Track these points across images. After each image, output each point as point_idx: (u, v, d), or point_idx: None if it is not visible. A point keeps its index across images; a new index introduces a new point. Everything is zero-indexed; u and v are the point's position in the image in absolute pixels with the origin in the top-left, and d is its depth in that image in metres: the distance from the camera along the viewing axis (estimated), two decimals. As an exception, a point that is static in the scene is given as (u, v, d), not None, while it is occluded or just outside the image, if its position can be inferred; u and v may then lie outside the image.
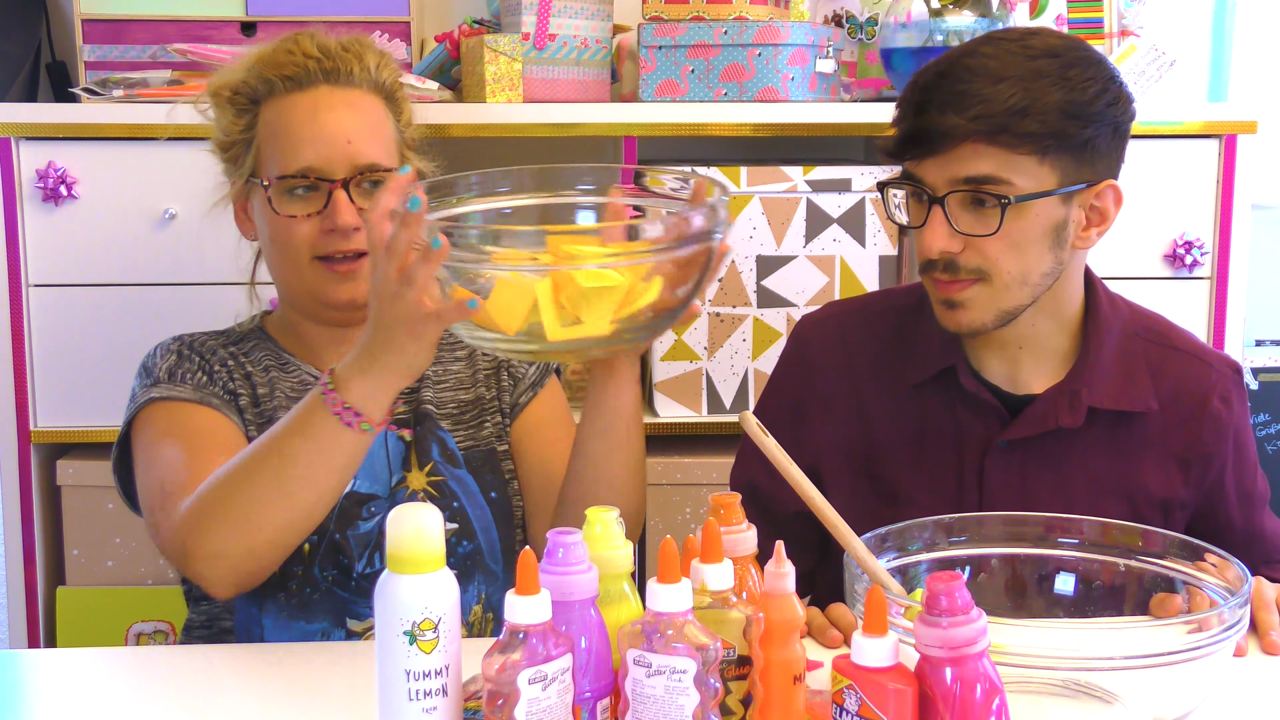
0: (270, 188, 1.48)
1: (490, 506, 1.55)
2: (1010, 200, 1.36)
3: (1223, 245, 2.19)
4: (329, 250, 1.47)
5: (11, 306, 2.08)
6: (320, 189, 1.47)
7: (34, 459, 2.13)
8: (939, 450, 1.51)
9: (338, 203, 1.46)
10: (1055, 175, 1.38)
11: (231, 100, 1.52)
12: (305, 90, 1.50)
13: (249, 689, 1.24)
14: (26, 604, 2.14)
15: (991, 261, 1.40)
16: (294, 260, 1.49)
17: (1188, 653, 1.07)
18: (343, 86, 1.51)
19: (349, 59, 1.51)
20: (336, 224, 1.46)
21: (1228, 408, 1.52)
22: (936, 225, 1.40)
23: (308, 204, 1.48)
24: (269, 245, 1.52)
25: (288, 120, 1.49)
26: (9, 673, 1.32)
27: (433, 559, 0.98)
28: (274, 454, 1.30)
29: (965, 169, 1.37)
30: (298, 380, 1.55)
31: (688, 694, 0.95)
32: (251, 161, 1.51)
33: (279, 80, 1.50)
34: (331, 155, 1.47)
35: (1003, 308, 1.42)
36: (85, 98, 2.10)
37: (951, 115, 1.36)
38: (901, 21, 2.14)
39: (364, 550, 1.47)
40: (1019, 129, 1.35)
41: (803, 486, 1.17)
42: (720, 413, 2.18)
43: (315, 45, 1.51)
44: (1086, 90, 1.37)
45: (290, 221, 1.47)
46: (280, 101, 1.50)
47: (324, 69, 1.50)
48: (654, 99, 2.16)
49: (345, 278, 1.48)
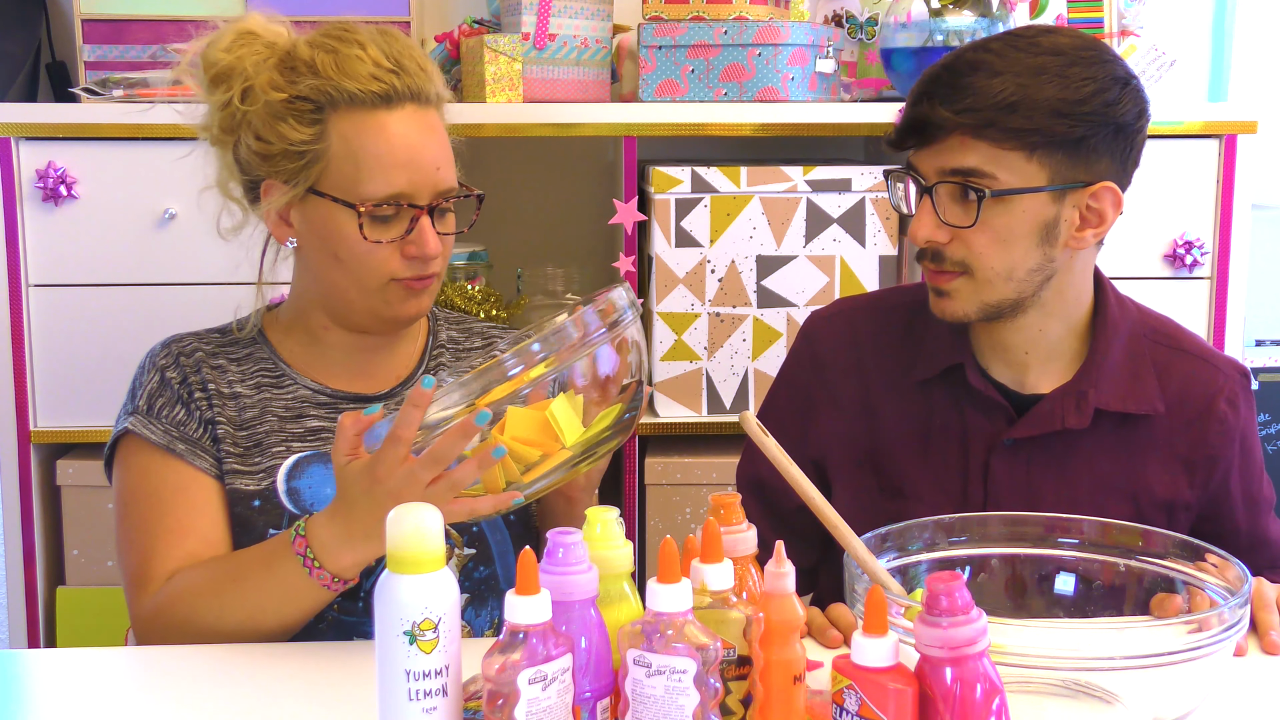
0: (364, 214, 1.41)
1: (509, 530, 1.53)
2: (987, 193, 1.37)
3: (1223, 245, 2.19)
4: (410, 274, 1.44)
5: (11, 306, 2.08)
6: (402, 214, 1.43)
7: (34, 459, 2.13)
8: (945, 447, 1.52)
9: (424, 231, 1.43)
10: (1045, 172, 1.38)
11: (290, 105, 1.42)
12: (393, 108, 1.42)
13: (249, 689, 1.24)
14: (26, 604, 2.14)
15: (975, 255, 1.41)
16: (367, 280, 1.44)
17: (1188, 653, 1.07)
18: (423, 107, 1.45)
19: (421, 74, 1.45)
20: (425, 253, 1.43)
21: (1234, 411, 1.52)
22: (924, 215, 1.42)
23: (391, 229, 1.42)
24: (334, 262, 1.45)
25: (377, 140, 1.41)
26: (9, 673, 1.32)
27: (433, 559, 0.98)
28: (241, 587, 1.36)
29: (953, 160, 1.39)
30: (292, 398, 1.51)
31: (688, 694, 0.95)
32: (316, 174, 1.42)
33: (362, 94, 1.41)
34: (423, 183, 1.43)
35: (985, 300, 1.43)
36: (85, 98, 2.10)
37: (942, 108, 1.38)
38: (901, 21, 2.14)
39: (372, 569, 1.44)
40: (1005, 124, 1.36)
41: (802, 486, 1.17)
42: (720, 413, 2.19)
43: (383, 54, 1.43)
44: (1081, 89, 1.36)
45: (374, 247, 1.42)
46: (364, 116, 1.41)
47: (407, 86, 1.43)
48: (654, 99, 2.16)
49: (418, 294, 1.46)
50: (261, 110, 1.42)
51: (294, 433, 1.49)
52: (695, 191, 2.13)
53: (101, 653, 1.36)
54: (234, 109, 1.44)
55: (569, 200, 2.58)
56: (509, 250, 2.46)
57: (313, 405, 1.51)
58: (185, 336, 1.54)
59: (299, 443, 1.49)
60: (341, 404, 1.52)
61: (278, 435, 1.49)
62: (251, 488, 1.46)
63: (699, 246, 2.14)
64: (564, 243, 2.55)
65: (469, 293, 2.20)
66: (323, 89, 1.41)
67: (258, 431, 1.48)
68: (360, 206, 1.41)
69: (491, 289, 2.27)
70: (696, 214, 2.13)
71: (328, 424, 1.50)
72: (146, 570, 1.42)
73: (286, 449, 1.48)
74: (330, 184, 1.42)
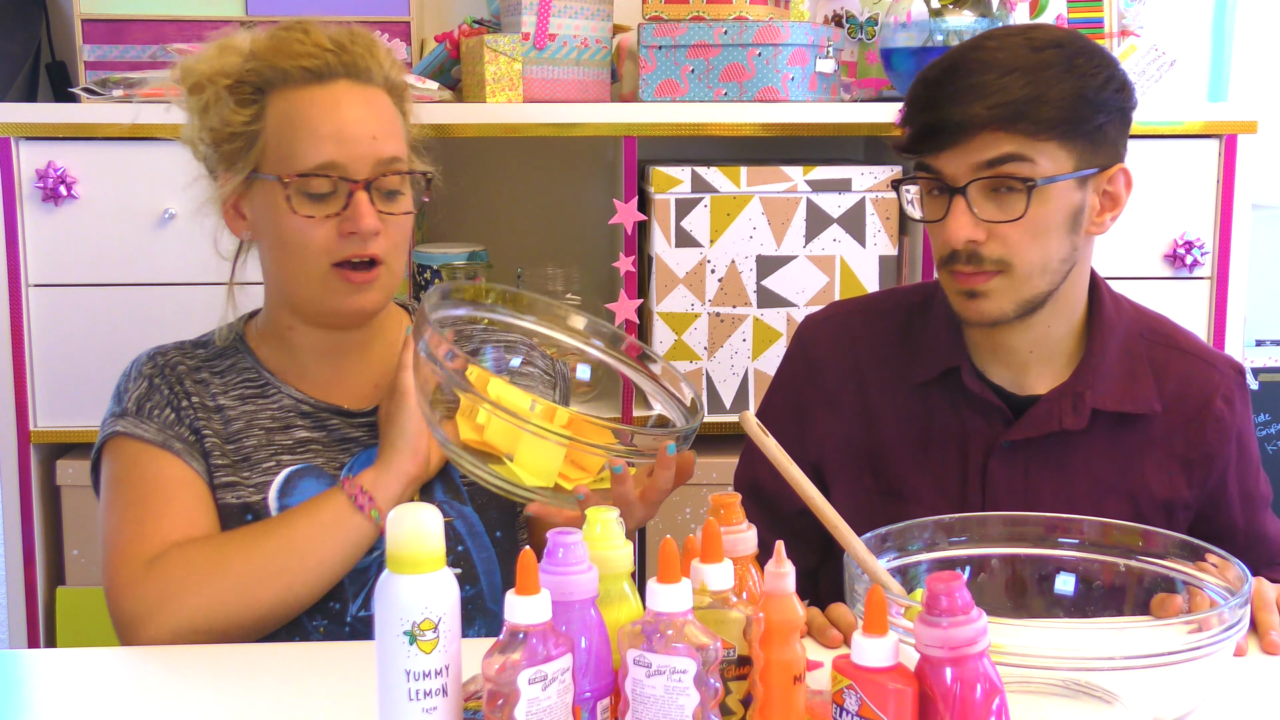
0: (290, 185, 1.39)
1: (495, 547, 1.50)
2: (1036, 183, 1.38)
3: (1223, 245, 2.19)
4: (347, 254, 1.40)
5: (11, 306, 2.08)
6: (339, 191, 1.40)
7: (34, 459, 2.13)
8: (943, 449, 1.52)
9: (359, 204, 1.39)
10: (1072, 160, 1.40)
11: (233, 89, 1.42)
12: (325, 84, 1.41)
13: (249, 689, 1.24)
14: (26, 604, 2.14)
15: (1013, 250, 1.40)
16: (308, 265, 1.41)
17: (1188, 653, 1.07)
18: (361, 83, 1.43)
19: (365, 55, 1.44)
20: (359, 227, 1.38)
21: (1230, 409, 1.52)
22: (960, 215, 1.40)
23: (326, 205, 1.40)
24: (277, 247, 1.43)
25: (307, 113, 1.40)
26: (9, 673, 1.32)
27: (433, 559, 0.98)
28: (277, 532, 1.37)
29: (986, 153, 1.38)
30: (277, 407, 1.48)
31: (688, 694, 0.95)
32: (256, 156, 1.42)
33: (295, 70, 1.41)
34: (355, 153, 1.40)
35: (1023, 296, 1.43)
36: (85, 98, 2.10)
37: (968, 105, 1.37)
38: (901, 21, 2.14)
39: (359, 590, 1.43)
40: (1036, 116, 1.37)
41: (802, 486, 1.17)
42: (720, 413, 2.19)
43: (326, 37, 1.43)
44: (1096, 77, 1.39)
45: (307, 223, 1.39)
46: (296, 93, 1.41)
47: (343, 63, 1.42)
48: (654, 99, 2.16)
49: (360, 288, 1.41)
50: (211, 100, 1.43)
51: (283, 444, 1.47)
52: (695, 191, 2.13)
53: (101, 653, 1.36)
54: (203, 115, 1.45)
55: (569, 200, 2.58)
56: (509, 250, 2.47)
57: (298, 415, 1.48)
58: (168, 349, 1.51)
59: (288, 455, 1.47)
60: (324, 417, 1.49)
61: (266, 449, 1.46)
62: (242, 500, 1.44)
63: (699, 246, 2.14)
64: (564, 243, 2.55)
65: (469, 293, 2.20)
66: (259, 70, 1.42)
67: (245, 445, 1.46)
68: (285, 177, 1.39)
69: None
70: (696, 214, 2.13)
71: (314, 435, 1.48)
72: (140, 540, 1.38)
73: (276, 462, 1.46)
74: (268, 164, 1.42)
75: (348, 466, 1.47)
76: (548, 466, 1.25)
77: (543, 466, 1.25)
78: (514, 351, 1.55)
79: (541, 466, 1.25)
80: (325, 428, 1.48)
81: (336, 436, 1.48)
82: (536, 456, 1.25)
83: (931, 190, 1.44)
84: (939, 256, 1.44)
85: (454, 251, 2.28)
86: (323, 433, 1.48)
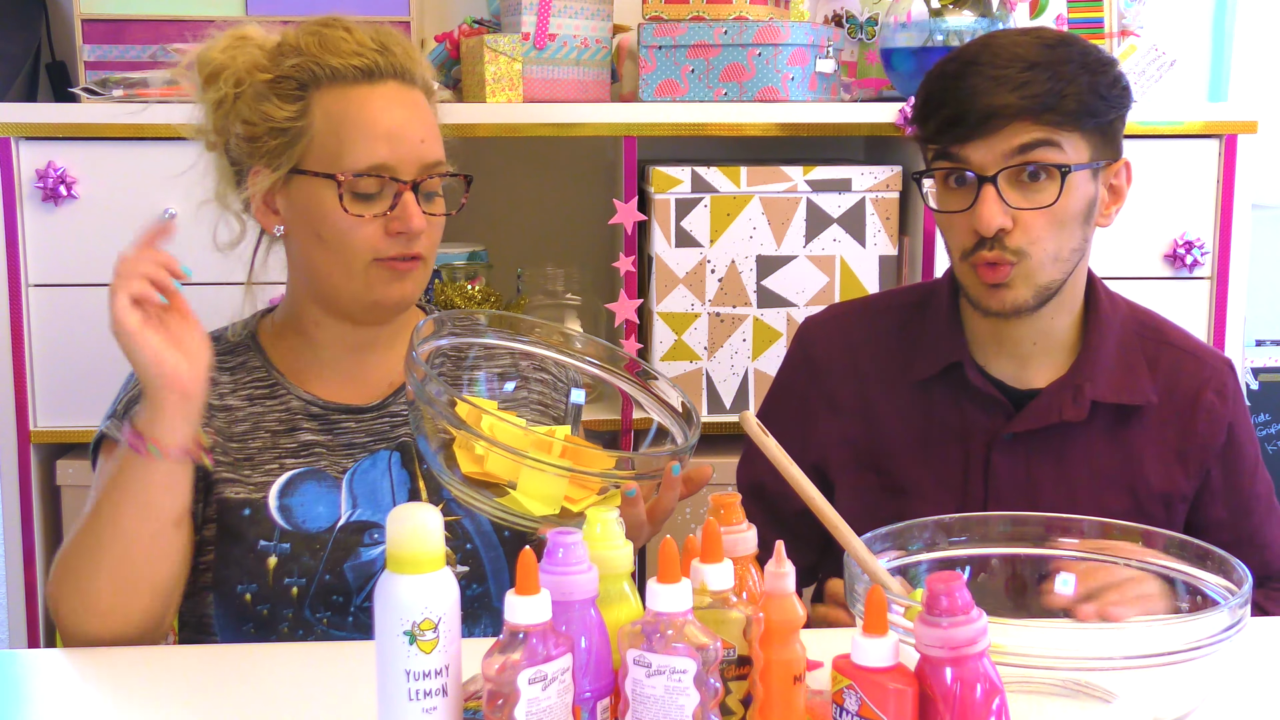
0: (344, 184, 1.40)
1: (503, 546, 1.50)
2: (1070, 168, 1.41)
3: (1223, 245, 2.19)
4: (393, 253, 1.42)
5: (11, 306, 2.08)
6: (385, 191, 1.41)
7: (34, 459, 2.13)
8: (945, 444, 1.53)
9: (408, 205, 1.41)
10: (1089, 151, 1.44)
11: (274, 84, 1.42)
12: (375, 83, 1.42)
13: (249, 689, 1.24)
14: (26, 604, 2.14)
15: (1033, 239, 1.43)
16: (352, 262, 1.42)
17: (1188, 653, 1.07)
18: (407, 84, 1.45)
19: (407, 56, 1.45)
20: (409, 227, 1.40)
21: (1222, 400, 1.54)
22: (991, 202, 1.42)
23: (374, 205, 1.41)
24: (318, 243, 1.43)
25: (359, 113, 1.41)
26: (9, 673, 1.32)
27: (433, 559, 0.98)
28: (91, 511, 1.34)
29: (1017, 140, 1.41)
30: (285, 410, 1.49)
31: (688, 694, 0.95)
32: (300, 152, 1.42)
33: (345, 68, 1.41)
34: (406, 154, 1.41)
35: (1040, 284, 1.45)
36: (85, 98, 2.10)
37: (998, 95, 1.40)
38: (901, 21, 2.15)
39: (365, 582, 1.42)
40: (1062, 107, 1.40)
41: (803, 486, 1.17)
42: (720, 413, 2.19)
43: (368, 36, 1.44)
44: (1107, 74, 1.44)
45: (356, 221, 1.40)
46: (346, 91, 1.42)
47: (391, 64, 1.43)
48: (654, 99, 2.16)
49: (404, 275, 1.43)
50: (248, 94, 1.43)
51: (287, 448, 1.47)
52: (695, 191, 2.13)
53: (101, 653, 1.36)
54: (226, 107, 1.44)
55: (569, 200, 2.57)
56: (509, 250, 2.46)
57: (305, 417, 1.49)
58: None
59: (291, 458, 1.47)
60: (333, 415, 1.49)
61: (271, 451, 1.47)
62: (241, 497, 1.44)
63: (699, 246, 2.14)
64: (564, 243, 2.55)
65: (469, 293, 2.20)
66: (305, 66, 1.42)
67: (249, 446, 1.46)
68: (340, 176, 1.40)
69: (491, 289, 2.27)
70: (696, 214, 2.13)
71: (320, 438, 1.48)
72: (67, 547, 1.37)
73: (279, 465, 1.46)
74: (313, 161, 1.42)
75: (350, 471, 1.47)
76: (552, 493, 1.25)
77: (547, 493, 1.25)
78: (508, 377, 1.55)
79: (546, 493, 1.25)
80: (333, 430, 1.49)
81: (343, 440, 1.49)
82: (539, 483, 1.25)
83: (952, 181, 1.45)
84: (961, 248, 1.46)
85: (454, 251, 2.28)
86: (329, 435, 1.48)
